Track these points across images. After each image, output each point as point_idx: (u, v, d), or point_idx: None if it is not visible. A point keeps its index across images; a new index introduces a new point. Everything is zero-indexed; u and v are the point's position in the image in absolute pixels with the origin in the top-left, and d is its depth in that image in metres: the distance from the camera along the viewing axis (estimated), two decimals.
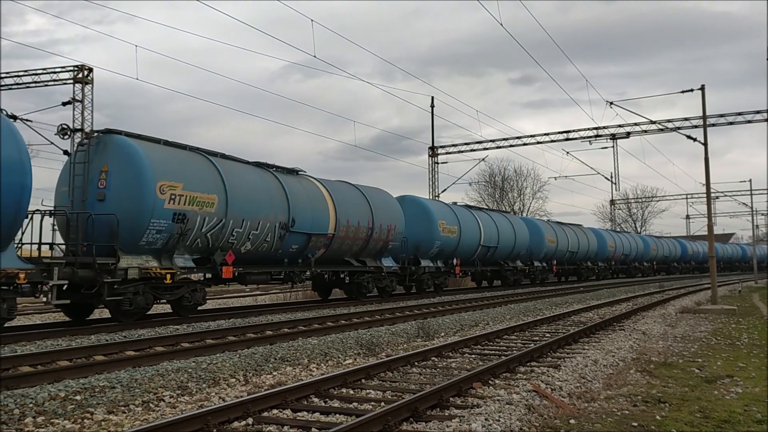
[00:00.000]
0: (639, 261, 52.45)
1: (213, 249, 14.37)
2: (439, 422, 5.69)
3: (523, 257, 32.02)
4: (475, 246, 26.99)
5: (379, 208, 20.35)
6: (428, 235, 23.47)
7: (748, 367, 9.02)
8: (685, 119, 33.09)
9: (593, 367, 8.61)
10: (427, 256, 23.71)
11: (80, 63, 30.22)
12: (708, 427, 5.76)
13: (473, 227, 26.95)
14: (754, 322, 15.80)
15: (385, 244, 20.56)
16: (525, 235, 31.79)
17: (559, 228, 37.45)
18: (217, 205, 14.03)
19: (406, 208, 23.02)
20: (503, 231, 29.38)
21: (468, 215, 27.17)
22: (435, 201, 26.23)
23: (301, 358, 9.54)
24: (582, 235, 40.62)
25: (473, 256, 27.24)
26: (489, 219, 28.81)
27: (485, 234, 27.82)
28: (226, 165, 14.96)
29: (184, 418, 5.30)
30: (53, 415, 6.10)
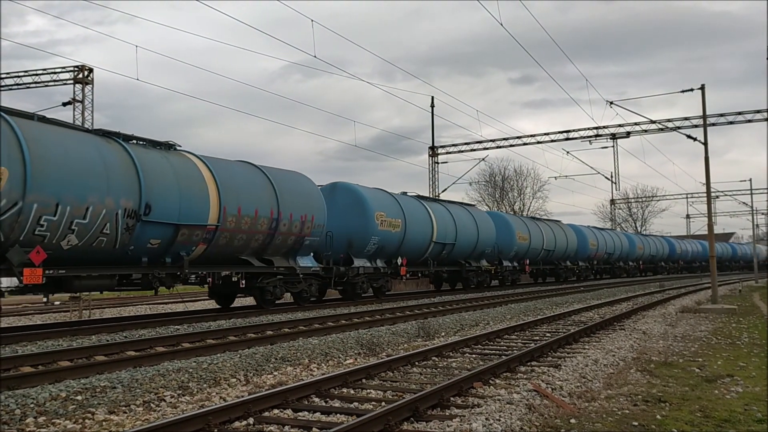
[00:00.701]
0: (624, 260, 49.10)
1: (6, 244, 10.52)
2: (439, 422, 5.69)
3: (489, 256, 28.44)
4: (425, 243, 23.08)
5: (289, 194, 16.39)
6: (363, 229, 19.70)
7: (748, 367, 9.02)
8: (685, 119, 33.12)
9: (594, 366, 8.62)
10: (363, 254, 20.06)
11: (80, 63, 30.26)
12: (708, 426, 5.77)
13: (423, 221, 22.98)
14: (754, 321, 15.80)
15: (299, 240, 16.72)
16: (491, 231, 28.10)
17: (532, 224, 34.08)
18: (6, 182, 10.21)
19: (338, 197, 20.00)
20: (463, 226, 25.42)
21: (417, 207, 23.19)
22: (375, 189, 21.58)
23: (302, 358, 9.55)
24: (560, 232, 37.03)
25: (424, 254, 23.43)
26: (445, 212, 24.83)
27: (439, 229, 23.75)
28: (33, 130, 11.10)
29: (185, 418, 5.31)
30: (54, 415, 6.11)
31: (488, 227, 27.90)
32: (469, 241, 26.06)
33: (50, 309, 20.87)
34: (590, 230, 42.77)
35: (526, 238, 31.93)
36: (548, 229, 35.54)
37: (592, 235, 41.93)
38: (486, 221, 28.14)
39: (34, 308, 21.25)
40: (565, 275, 38.25)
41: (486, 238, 27.40)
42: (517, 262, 31.56)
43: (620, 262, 48.27)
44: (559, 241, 36.34)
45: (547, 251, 34.63)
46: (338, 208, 19.61)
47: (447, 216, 24.80)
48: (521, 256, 31.88)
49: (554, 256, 36.03)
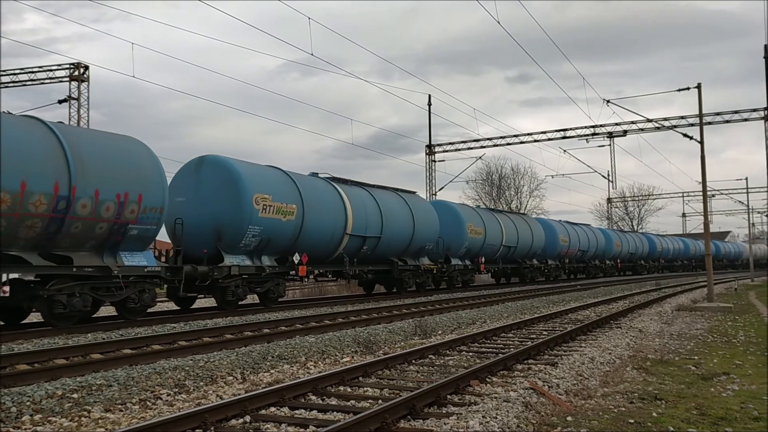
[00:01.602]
0: (600, 258, 45.34)
1: None
2: (436, 420, 5.69)
3: (432, 253, 23.74)
4: (336, 236, 18.34)
5: (96, 163, 11.87)
6: (236, 216, 15.30)
7: (744, 365, 9.04)
8: (681, 117, 33.17)
9: (590, 364, 8.63)
10: (238, 249, 15.72)
11: (77, 61, 30.16)
12: (705, 424, 5.78)
13: (332, 208, 18.31)
14: (750, 319, 15.84)
15: (117, 228, 12.22)
16: (432, 223, 23.34)
17: (489, 216, 29.61)
18: None
19: (204, 175, 15.66)
20: (393, 216, 20.87)
21: (324, 190, 18.47)
22: (260, 166, 16.95)
23: (299, 356, 9.54)
24: (524, 227, 32.56)
25: (336, 250, 18.76)
26: (367, 198, 20.14)
27: (356, 218, 19.06)
28: None
29: (181, 416, 5.30)
30: (50, 413, 6.10)
31: (429, 218, 23.13)
32: (402, 235, 21.41)
33: None
34: (561, 225, 38.96)
35: (480, 232, 27.35)
36: (509, 222, 31.05)
37: (563, 231, 37.97)
38: (427, 212, 23.46)
39: None
40: (531, 275, 33.92)
41: (426, 231, 22.73)
42: (470, 260, 27.35)
43: (596, 261, 44.60)
44: (523, 236, 31.87)
45: (508, 248, 30.41)
46: (205, 189, 15.45)
47: (369, 203, 20.19)
48: (475, 252, 27.43)
49: (516, 254, 31.64)
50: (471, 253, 27.23)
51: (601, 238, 44.96)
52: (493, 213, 30.68)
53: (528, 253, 33.05)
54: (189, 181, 15.78)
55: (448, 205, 27.08)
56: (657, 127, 33.36)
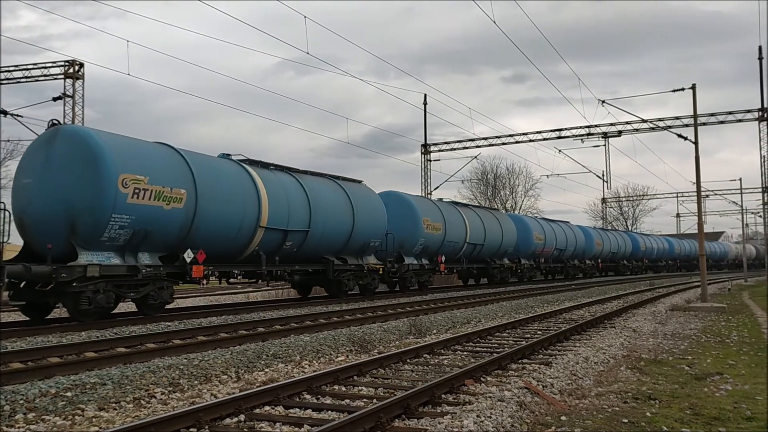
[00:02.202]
0: (579, 258, 42.33)
1: None
2: (431, 419, 5.70)
3: (380, 251, 21.15)
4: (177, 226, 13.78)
5: None
6: (96, 202, 12.11)
7: (737, 365, 9.08)
8: (676, 118, 33.27)
9: (584, 364, 8.65)
10: None
11: (71, 58, 30.05)
12: (698, 423, 5.80)
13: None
14: (743, 319, 15.91)
15: None
16: (373, 214, 20.10)
17: (451, 210, 26.15)
18: None
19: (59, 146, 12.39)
20: (319, 202, 17.77)
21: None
22: (116, 136, 13.18)
23: (294, 355, 9.53)
24: (492, 223, 29.40)
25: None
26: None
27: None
28: None
29: (175, 414, 5.29)
30: (44, 411, 6.08)
31: (374, 211, 20.44)
32: (338, 229, 18.88)
33: None
34: (536, 221, 36.42)
35: (440, 227, 24.33)
36: (475, 217, 27.97)
37: (538, 228, 35.05)
38: (372, 203, 20.74)
39: None
40: (502, 276, 30.88)
41: (370, 226, 19.99)
42: (428, 260, 24.19)
43: (575, 261, 41.51)
44: (492, 233, 28.87)
45: (473, 245, 27.33)
46: (56, 168, 12.39)
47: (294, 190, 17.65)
48: (433, 251, 24.23)
49: (484, 253, 28.67)
50: (429, 252, 23.98)
51: (581, 237, 41.96)
52: (456, 207, 27.31)
53: (497, 252, 29.95)
54: (38, 158, 12.52)
55: (400, 197, 23.73)
56: (652, 128, 33.46)
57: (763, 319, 16.29)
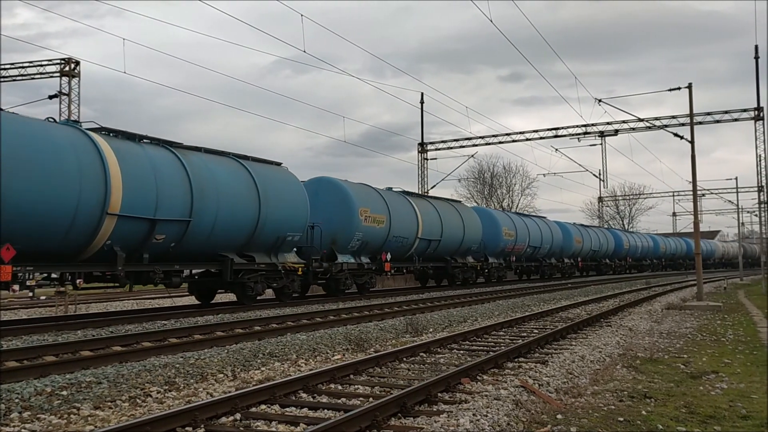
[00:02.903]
0: (557, 257, 38.98)
1: None
2: (427, 417, 5.70)
3: (303, 247, 18.12)
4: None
5: None
6: None
7: (733, 363, 9.11)
8: (672, 117, 33.32)
9: (580, 362, 8.66)
10: None
11: (67, 56, 29.97)
12: (693, 422, 5.81)
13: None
14: (739, 318, 15.95)
15: None
16: (288, 201, 16.65)
17: (399, 201, 22.67)
18: None
19: None
20: (166, 183, 13.44)
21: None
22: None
23: (290, 353, 9.53)
24: (452, 217, 25.96)
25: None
26: None
27: None
28: None
29: (171, 413, 5.28)
30: (39, 410, 6.07)
31: (288, 198, 16.92)
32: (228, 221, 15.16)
33: (36, 304, 20.70)
34: (506, 216, 32.73)
35: (383, 220, 20.90)
36: (431, 210, 24.55)
37: (508, 223, 31.48)
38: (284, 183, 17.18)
39: (20, 303, 21.06)
40: (464, 276, 27.54)
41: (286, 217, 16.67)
42: (370, 258, 21.07)
43: (551, 259, 38.21)
44: (451, 228, 25.39)
45: (428, 242, 23.89)
46: None
47: None
48: (375, 247, 20.84)
49: (441, 250, 25.09)
50: (370, 248, 20.61)
51: (558, 233, 38.51)
52: (406, 197, 23.61)
53: (459, 250, 26.51)
54: None
55: (333, 183, 20.24)
56: (648, 127, 33.51)
57: (758, 317, 16.35)
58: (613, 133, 35.18)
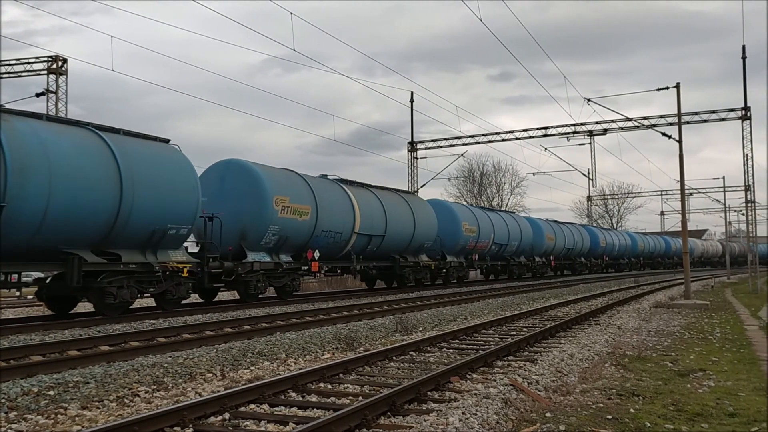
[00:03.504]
0: (527, 255, 36.00)
1: None
2: (416, 416, 5.70)
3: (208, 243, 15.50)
4: None
5: None
6: None
7: (720, 361, 9.17)
8: (660, 117, 33.50)
9: (569, 361, 8.69)
10: None
11: (55, 54, 29.73)
12: (681, 420, 5.85)
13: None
14: (726, 316, 16.08)
15: None
16: (164, 186, 13.59)
17: (332, 189, 19.98)
18: None
19: None
20: None
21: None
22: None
23: (279, 352, 9.50)
24: (401, 209, 22.81)
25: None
26: None
27: None
28: None
29: (159, 413, 5.25)
30: (26, 410, 6.02)
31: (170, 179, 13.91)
32: None
33: (23, 303, 20.54)
34: (467, 210, 29.59)
35: (306, 212, 18.09)
36: (373, 201, 21.36)
37: (469, 217, 28.15)
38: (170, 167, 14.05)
39: (7, 302, 20.89)
40: (417, 276, 24.46)
41: (169, 203, 13.71)
42: (293, 256, 18.31)
43: (520, 258, 35.04)
44: (399, 222, 22.25)
45: (369, 237, 20.80)
46: None
47: None
48: (299, 244, 18.14)
49: (388, 247, 21.93)
50: (291, 245, 17.81)
51: (528, 230, 35.36)
52: (341, 186, 20.52)
53: (409, 247, 23.35)
54: None
55: (242, 166, 17.21)
56: (636, 126, 33.68)
57: (745, 315, 16.48)
58: (602, 133, 35.31)
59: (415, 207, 24.30)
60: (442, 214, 26.57)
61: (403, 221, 22.97)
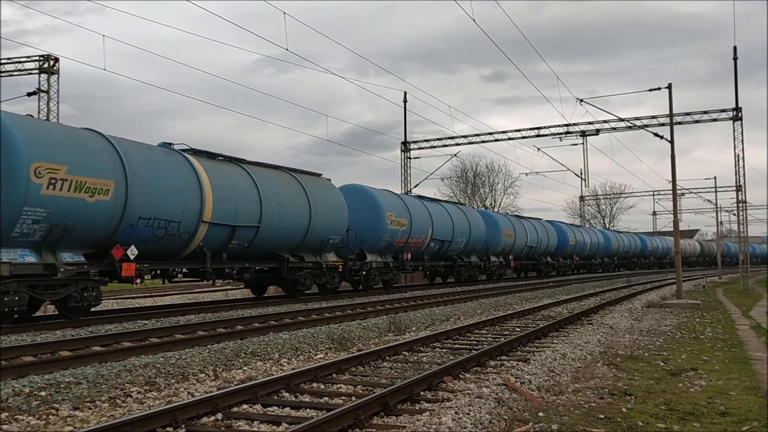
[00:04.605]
0: (479, 254, 30.26)
1: None
2: (409, 416, 5.70)
3: None
4: None
5: None
6: None
7: (711, 361, 9.22)
8: (652, 117, 33.63)
9: (562, 360, 8.72)
10: None
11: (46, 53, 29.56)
12: (672, 419, 5.87)
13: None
14: (717, 316, 16.16)
15: None
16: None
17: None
18: None
19: None
20: None
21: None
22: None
23: (272, 352, 9.49)
24: (290, 192, 17.78)
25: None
26: None
27: None
28: None
29: (151, 413, 5.23)
30: (17, 411, 5.98)
31: None
32: None
33: None
34: (397, 198, 23.75)
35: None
36: (238, 178, 16.06)
37: (398, 206, 22.81)
38: None
39: None
40: (324, 283, 19.41)
41: None
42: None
43: (471, 257, 29.42)
44: (280, 206, 17.06)
45: (232, 229, 15.52)
46: None
47: None
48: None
49: (266, 243, 16.78)
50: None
51: (479, 225, 29.58)
52: (183, 155, 14.98)
53: (303, 244, 18.13)
54: None
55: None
56: (629, 127, 33.80)
57: (736, 315, 16.57)
58: (595, 133, 35.42)
59: (314, 191, 18.72)
60: (360, 202, 21.43)
61: (293, 209, 17.70)
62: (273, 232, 17.00)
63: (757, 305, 20.12)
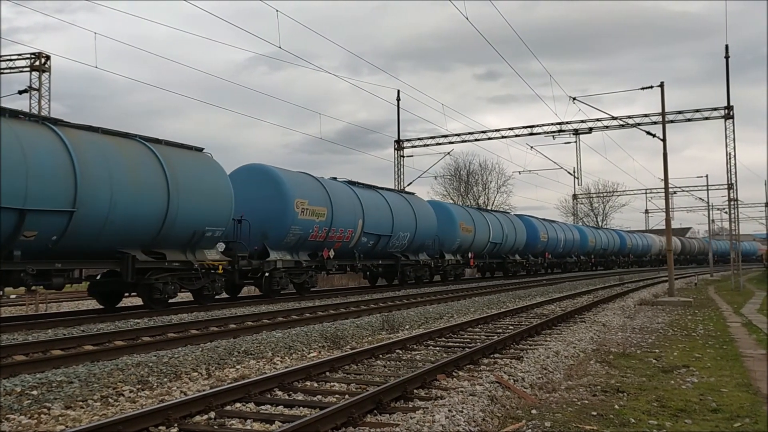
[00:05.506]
0: (430, 252, 26.67)
1: None
2: (403, 414, 5.70)
3: None
4: None
5: None
6: None
7: (703, 358, 9.26)
8: (644, 115, 33.78)
9: (555, 358, 8.74)
10: None
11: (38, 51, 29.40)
12: (664, 416, 5.90)
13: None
14: (709, 313, 16.23)
15: None
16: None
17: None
18: None
19: None
20: None
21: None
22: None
23: (265, 351, 9.47)
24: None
25: None
26: None
27: None
28: None
29: (144, 412, 5.21)
30: (9, 410, 5.95)
31: None
32: None
33: (5, 303, 20.31)
34: (315, 181, 19.95)
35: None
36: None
37: (317, 194, 19.29)
38: None
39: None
40: (172, 288, 14.66)
41: None
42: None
43: (420, 255, 25.65)
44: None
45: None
46: None
47: None
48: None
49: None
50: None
51: (430, 218, 26.07)
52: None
53: (159, 237, 14.05)
54: None
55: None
56: (621, 125, 33.92)
57: (728, 312, 16.66)
58: (587, 131, 35.53)
59: (178, 167, 14.85)
60: (260, 186, 18.37)
61: (139, 188, 13.98)
62: (102, 221, 12.67)
63: (748, 302, 20.24)
